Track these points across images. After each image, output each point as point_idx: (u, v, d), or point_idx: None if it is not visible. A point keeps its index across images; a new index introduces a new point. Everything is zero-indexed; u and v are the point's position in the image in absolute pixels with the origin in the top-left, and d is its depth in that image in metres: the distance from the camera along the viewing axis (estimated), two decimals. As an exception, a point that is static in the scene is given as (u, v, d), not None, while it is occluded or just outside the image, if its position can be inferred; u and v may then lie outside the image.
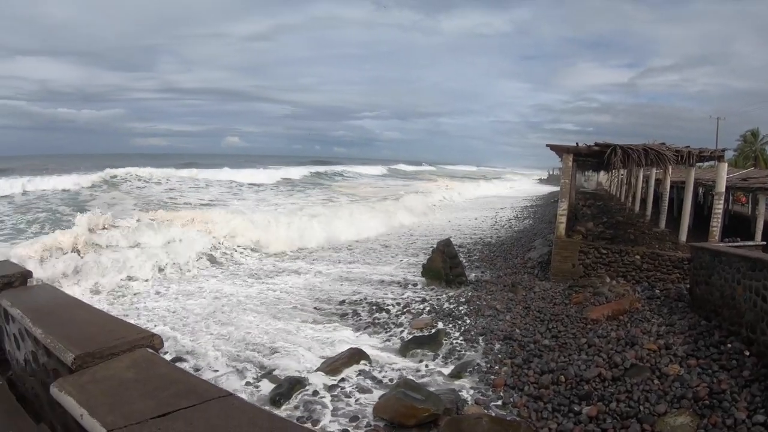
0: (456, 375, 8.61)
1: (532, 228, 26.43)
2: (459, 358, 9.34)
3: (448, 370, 8.88)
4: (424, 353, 9.60)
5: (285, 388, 7.90)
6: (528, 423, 6.93)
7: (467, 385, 8.21)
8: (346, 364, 8.87)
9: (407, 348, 9.79)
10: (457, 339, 10.23)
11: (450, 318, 11.42)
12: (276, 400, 7.69)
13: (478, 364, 8.92)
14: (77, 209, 23.03)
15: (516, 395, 7.74)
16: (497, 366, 8.77)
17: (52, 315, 3.49)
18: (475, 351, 9.58)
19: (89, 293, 13.26)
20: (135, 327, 3.34)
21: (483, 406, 7.44)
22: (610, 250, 14.32)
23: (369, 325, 11.23)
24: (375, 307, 12.46)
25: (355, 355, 9.15)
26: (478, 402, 7.57)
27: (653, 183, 25.72)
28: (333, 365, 8.80)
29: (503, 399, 7.65)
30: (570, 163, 15.57)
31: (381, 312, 12.14)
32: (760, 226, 15.61)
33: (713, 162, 19.27)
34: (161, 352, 3.08)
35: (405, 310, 12.25)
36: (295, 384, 8.01)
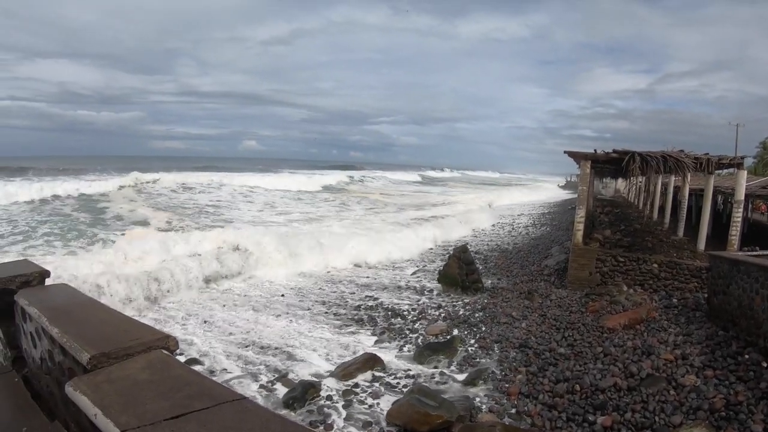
0: (470, 382, 8.54)
1: (548, 235, 26.21)
2: (474, 365, 9.27)
3: (462, 377, 8.82)
4: (438, 360, 9.55)
5: (299, 392, 7.90)
6: (542, 432, 6.87)
7: (481, 393, 8.15)
8: (360, 369, 8.86)
9: (422, 354, 9.75)
10: (473, 346, 10.17)
11: (465, 325, 11.36)
12: (290, 404, 7.69)
13: (492, 371, 8.85)
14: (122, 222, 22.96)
15: (530, 404, 7.66)
16: (512, 374, 8.69)
17: (68, 314, 3.52)
18: (490, 358, 9.52)
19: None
20: (150, 328, 3.35)
21: (497, 414, 7.37)
22: (627, 258, 14.15)
23: (384, 331, 11.20)
24: (390, 313, 12.45)
25: (370, 361, 9.13)
26: (492, 410, 7.49)
27: (672, 190, 25.40)
28: (347, 370, 8.79)
29: (517, 407, 7.57)
30: (588, 170, 15.45)
31: (396, 318, 12.12)
32: (780, 235, 15.32)
33: (732, 169, 19.01)
34: (176, 354, 3.08)
35: (420, 316, 12.21)
36: (309, 388, 8.00)
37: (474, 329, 11.05)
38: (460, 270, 14.66)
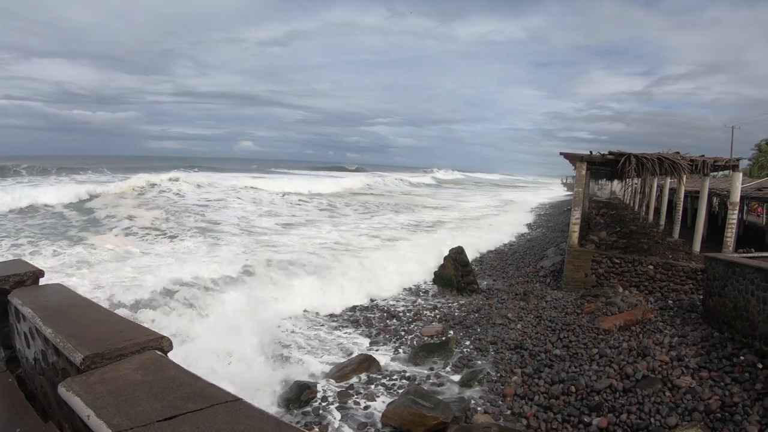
0: (466, 383, 8.54)
1: (544, 236, 26.22)
2: (469, 366, 9.27)
3: (457, 378, 8.83)
4: (433, 361, 9.55)
5: (294, 393, 7.89)
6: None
7: (477, 394, 8.15)
8: (355, 370, 8.85)
9: (417, 355, 9.74)
10: (468, 347, 10.17)
11: (461, 326, 11.36)
12: (285, 405, 7.68)
13: (488, 372, 8.85)
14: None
15: (526, 405, 7.67)
16: (507, 375, 8.70)
17: (62, 314, 3.49)
18: (486, 360, 9.52)
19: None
20: (145, 329, 3.33)
21: (492, 415, 7.37)
22: (623, 259, 14.19)
23: (380, 332, 11.19)
24: (386, 314, 12.44)
25: (365, 362, 9.12)
26: (487, 411, 7.50)
27: (667, 192, 25.47)
28: (343, 371, 8.78)
29: (513, 409, 7.58)
30: (584, 172, 15.49)
31: (392, 319, 12.11)
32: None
33: (728, 171, 19.08)
34: (170, 354, 3.07)
35: (416, 317, 12.20)
36: (305, 389, 7.98)
37: (469, 330, 11.05)
38: (455, 271, 14.67)
